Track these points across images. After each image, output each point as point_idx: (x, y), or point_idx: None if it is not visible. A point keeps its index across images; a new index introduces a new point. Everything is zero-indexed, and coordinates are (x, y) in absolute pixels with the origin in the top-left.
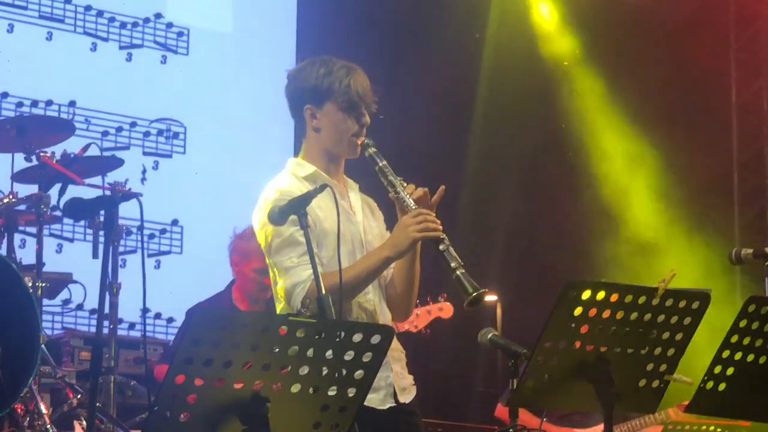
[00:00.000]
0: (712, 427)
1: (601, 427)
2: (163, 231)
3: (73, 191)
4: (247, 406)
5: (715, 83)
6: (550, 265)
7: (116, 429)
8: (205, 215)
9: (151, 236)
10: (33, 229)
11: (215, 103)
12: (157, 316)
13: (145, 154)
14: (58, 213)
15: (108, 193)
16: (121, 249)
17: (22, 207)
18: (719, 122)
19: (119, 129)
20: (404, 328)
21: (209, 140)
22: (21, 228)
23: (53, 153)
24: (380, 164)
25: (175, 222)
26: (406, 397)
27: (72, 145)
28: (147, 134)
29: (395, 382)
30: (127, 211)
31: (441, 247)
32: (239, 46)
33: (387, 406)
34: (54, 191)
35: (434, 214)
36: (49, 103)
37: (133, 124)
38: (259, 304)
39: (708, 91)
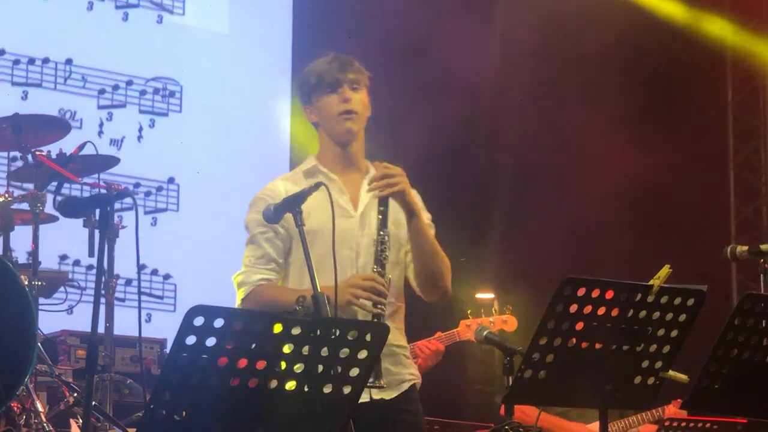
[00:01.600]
0: (708, 424)
1: (596, 424)
2: (159, 189)
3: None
4: (242, 404)
5: (711, 81)
6: (546, 263)
7: (112, 427)
8: (202, 173)
9: (148, 194)
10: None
11: (211, 63)
12: (154, 272)
13: (141, 112)
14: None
15: (103, 191)
16: (117, 206)
17: (18, 206)
18: (716, 120)
19: (116, 87)
20: (466, 337)
21: (205, 99)
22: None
23: (49, 152)
24: (380, 208)
25: (171, 180)
26: (388, 394)
27: (67, 144)
28: (143, 93)
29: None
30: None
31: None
32: (235, 5)
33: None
34: (50, 190)
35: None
36: (45, 60)
37: (129, 83)
38: None
39: (705, 88)
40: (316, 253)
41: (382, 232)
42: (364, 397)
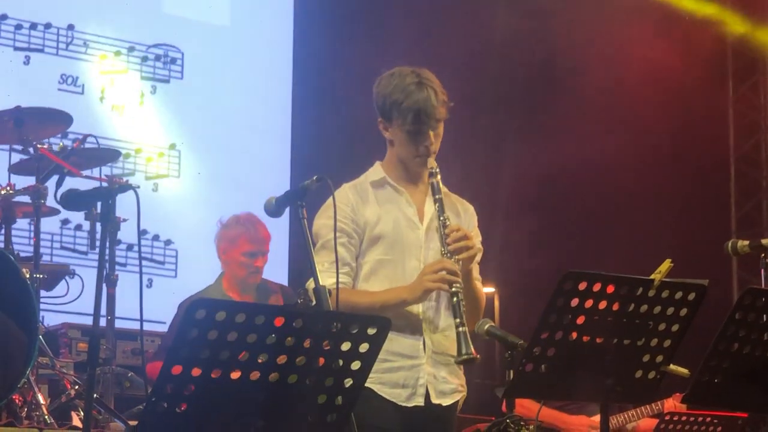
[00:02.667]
0: (709, 418)
1: (597, 417)
2: (160, 155)
3: (71, 183)
4: (243, 397)
5: (712, 77)
6: (548, 256)
7: (114, 420)
8: (202, 140)
9: (150, 160)
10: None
11: (213, 30)
12: (155, 238)
13: (143, 78)
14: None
15: (105, 184)
16: (117, 171)
17: (20, 199)
18: (717, 115)
19: (117, 53)
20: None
21: (207, 66)
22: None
23: (51, 145)
24: (436, 197)
25: (172, 146)
26: (445, 400)
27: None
28: (145, 59)
29: (430, 385)
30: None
31: (453, 300)
32: None
33: (412, 404)
34: (51, 183)
35: (472, 257)
36: (48, 26)
37: (131, 49)
38: (249, 292)
39: (706, 84)
40: (390, 259)
41: (442, 217)
42: (419, 401)
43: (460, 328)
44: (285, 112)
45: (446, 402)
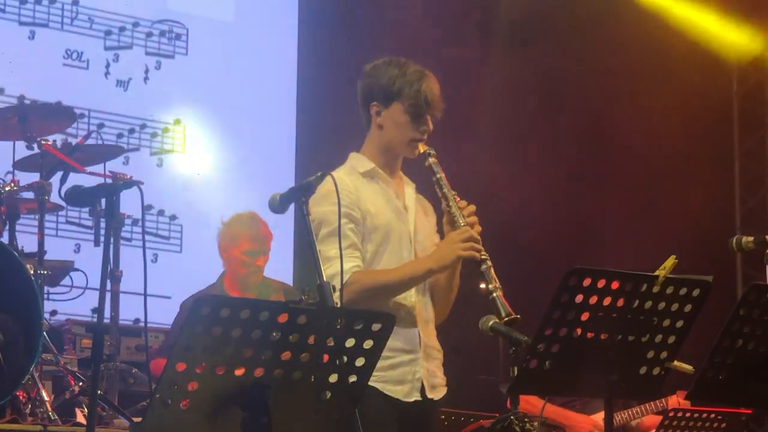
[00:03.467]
0: (713, 415)
1: (601, 414)
2: (165, 130)
3: (75, 179)
4: (247, 393)
5: (716, 72)
6: (551, 252)
7: (117, 416)
8: (207, 115)
9: (154, 135)
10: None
11: (218, 3)
12: (160, 213)
13: (147, 54)
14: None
15: (109, 181)
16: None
17: (24, 195)
18: (720, 111)
19: (122, 29)
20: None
21: (211, 42)
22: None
23: (54, 141)
24: (437, 176)
25: (177, 121)
26: (435, 394)
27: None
28: (149, 35)
29: (425, 379)
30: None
31: (483, 267)
32: None
33: (412, 399)
34: (55, 179)
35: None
36: (52, 0)
37: (135, 24)
38: (251, 290)
39: (709, 80)
40: (387, 250)
41: (453, 192)
42: (416, 396)
43: (495, 293)
44: (290, 104)
45: (437, 396)
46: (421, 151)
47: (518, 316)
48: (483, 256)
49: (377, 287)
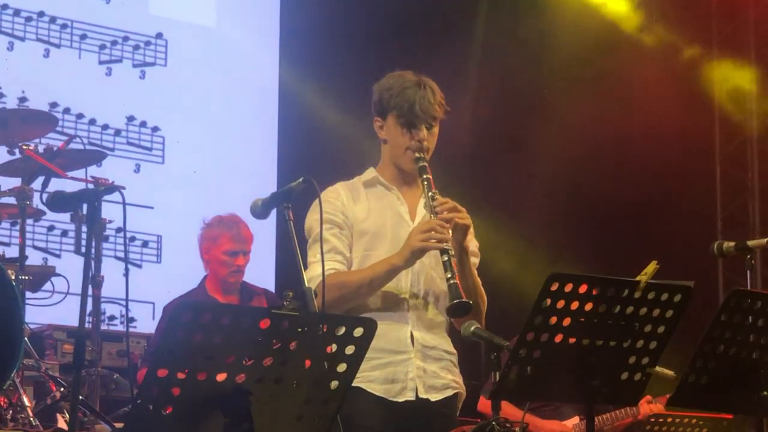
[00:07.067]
0: (695, 420)
1: (572, 420)
2: (147, 43)
3: (56, 184)
4: (229, 399)
5: (698, 77)
6: (535, 259)
7: (99, 422)
8: (187, 125)
9: (136, 47)
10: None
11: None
12: (142, 124)
13: (134, 66)
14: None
15: (90, 186)
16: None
17: (5, 200)
18: (702, 116)
19: (114, 42)
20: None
21: (192, 48)
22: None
23: (36, 146)
24: (424, 176)
25: (159, 35)
26: (434, 395)
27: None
28: (137, 47)
29: (419, 379)
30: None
31: (443, 257)
32: None
33: (403, 399)
34: (37, 184)
35: (463, 227)
36: (41, 14)
37: (125, 38)
38: (233, 292)
39: (691, 84)
40: (376, 254)
41: (431, 192)
42: (409, 396)
43: (451, 281)
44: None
45: (435, 397)
46: (414, 156)
47: (469, 301)
48: (444, 246)
49: (342, 287)
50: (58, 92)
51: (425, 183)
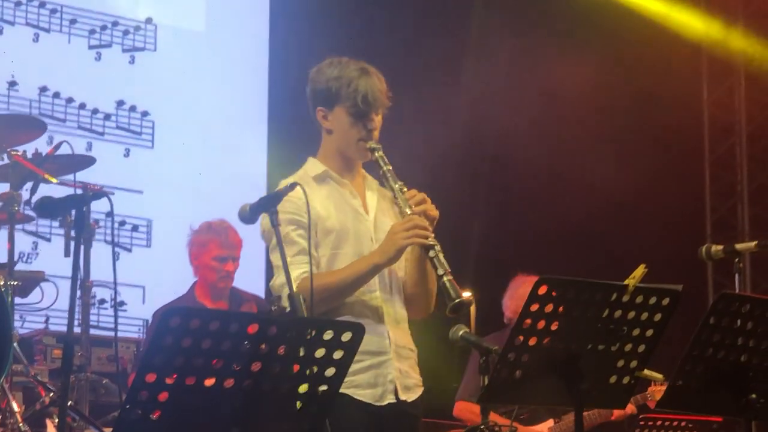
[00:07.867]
0: (684, 423)
1: (547, 423)
2: (137, 28)
3: (45, 190)
4: (218, 404)
5: (687, 80)
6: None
7: (88, 427)
8: (178, 110)
9: (126, 32)
10: None
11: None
12: (132, 109)
13: (124, 51)
14: (30, 212)
15: (79, 191)
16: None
17: None
18: (691, 119)
19: (103, 27)
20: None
21: (182, 39)
22: None
23: (24, 151)
24: (384, 168)
25: (149, 20)
26: (409, 396)
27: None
28: (126, 32)
29: (397, 380)
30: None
31: (431, 253)
32: None
33: (386, 402)
34: (25, 190)
35: (433, 219)
36: (42, 5)
37: (114, 23)
38: (223, 298)
39: (680, 88)
40: (344, 252)
41: (398, 184)
42: (390, 398)
43: (445, 278)
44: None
45: (410, 397)
46: (366, 147)
47: (470, 295)
48: (430, 242)
49: (323, 289)
50: (48, 77)
51: (388, 174)
